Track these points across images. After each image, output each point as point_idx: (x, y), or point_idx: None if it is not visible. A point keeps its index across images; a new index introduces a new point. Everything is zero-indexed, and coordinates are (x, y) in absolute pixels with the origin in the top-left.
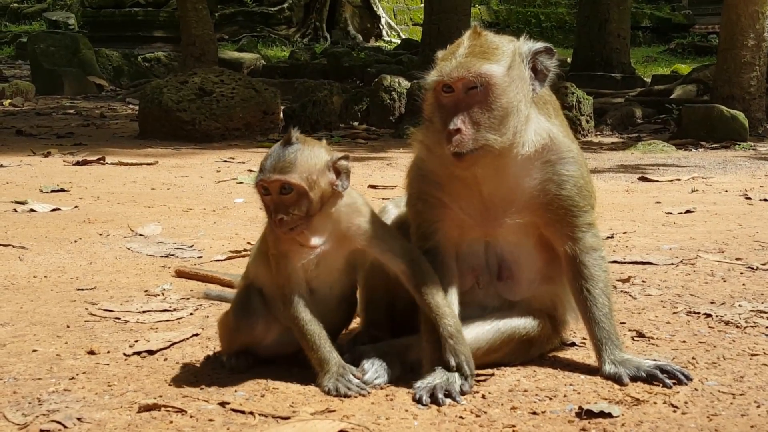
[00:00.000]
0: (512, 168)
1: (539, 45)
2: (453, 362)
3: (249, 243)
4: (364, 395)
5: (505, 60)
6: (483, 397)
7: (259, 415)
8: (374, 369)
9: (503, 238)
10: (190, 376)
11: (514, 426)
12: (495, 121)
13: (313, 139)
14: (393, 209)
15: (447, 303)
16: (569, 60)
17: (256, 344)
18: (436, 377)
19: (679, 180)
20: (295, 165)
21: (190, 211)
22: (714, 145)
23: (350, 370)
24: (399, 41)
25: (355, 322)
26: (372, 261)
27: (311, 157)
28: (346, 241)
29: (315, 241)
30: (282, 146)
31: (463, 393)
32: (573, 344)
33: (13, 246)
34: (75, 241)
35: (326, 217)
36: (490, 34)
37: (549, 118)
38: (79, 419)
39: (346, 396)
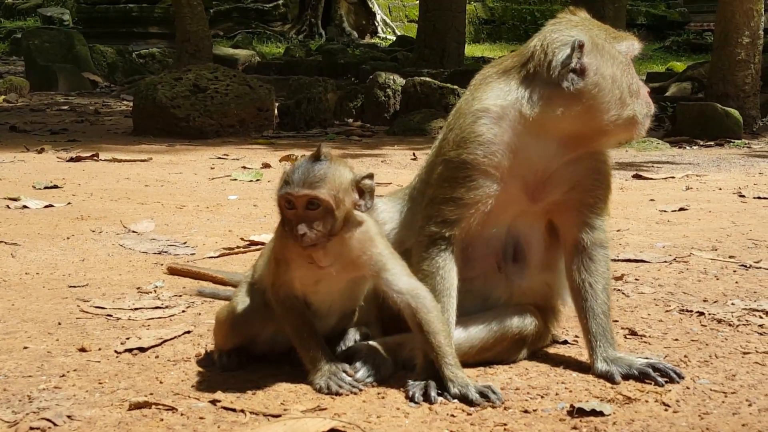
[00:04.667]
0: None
1: None
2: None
3: (242, 240)
4: (355, 393)
5: None
6: None
7: (250, 413)
8: (366, 367)
9: (522, 220)
10: (181, 373)
11: (505, 424)
12: None
13: (338, 156)
14: (384, 207)
15: (449, 341)
16: None
17: (252, 341)
18: (430, 375)
19: (673, 178)
20: (325, 181)
21: (184, 208)
22: (708, 143)
23: (342, 368)
24: (394, 38)
25: None
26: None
27: (339, 174)
28: (354, 268)
29: (325, 262)
30: (310, 161)
31: None
32: (565, 342)
33: (6, 243)
34: (68, 238)
35: (340, 241)
36: None
37: None
38: (69, 417)
39: (337, 394)
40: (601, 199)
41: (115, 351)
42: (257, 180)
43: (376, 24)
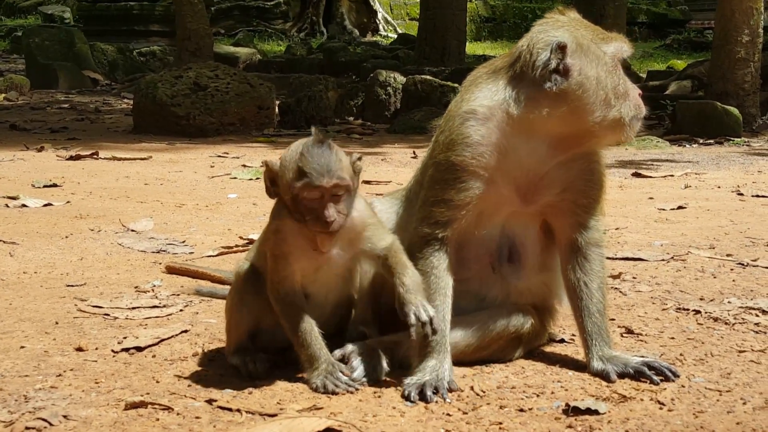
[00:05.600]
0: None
1: None
2: (413, 318)
3: (241, 238)
4: (352, 392)
5: None
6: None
7: (246, 412)
8: (363, 366)
9: (516, 221)
10: (177, 372)
11: (500, 423)
12: None
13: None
14: (381, 207)
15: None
16: None
17: (264, 321)
18: (426, 374)
19: (672, 176)
20: (343, 166)
21: (183, 207)
22: (708, 141)
23: (339, 368)
24: (395, 36)
25: None
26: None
27: (345, 157)
28: (351, 248)
29: (330, 246)
30: (318, 147)
31: (451, 390)
32: (562, 341)
33: (4, 241)
34: (66, 237)
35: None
36: None
37: None
38: (65, 417)
39: (334, 393)
40: (594, 199)
41: (112, 350)
42: (257, 178)
43: (378, 22)
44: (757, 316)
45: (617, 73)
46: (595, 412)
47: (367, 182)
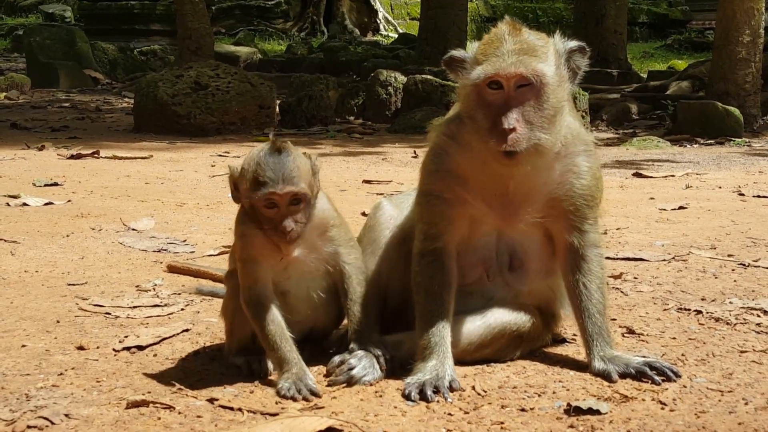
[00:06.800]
0: (543, 163)
1: (573, 44)
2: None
3: None
4: (309, 401)
5: (551, 58)
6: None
7: (248, 411)
8: (362, 366)
9: (515, 229)
10: (179, 371)
11: (502, 423)
12: (546, 120)
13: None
14: (388, 207)
15: (366, 312)
16: None
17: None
18: (426, 374)
19: (673, 176)
20: (300, 173)
21: (184, 206)
22: (709, 141)
23: (308, 375)
24: (396, 36)
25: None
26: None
27: (304, 163)
28: (315, 248)
29: (292, 251)
30: (274, 155)
31: (452, 389)
32: (563, 341)
33: (5, 240)
34: (67, 236)
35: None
36: (526, 29)
37: (569, 111)
38: (66, 415)
39: (293, 399)
40: (585, 204)
41: (114, 349)
42: None
43: (378, 22)
44: (758, 316)
45: (474, 97)
46: (597, 412)
47: (368, 182)
